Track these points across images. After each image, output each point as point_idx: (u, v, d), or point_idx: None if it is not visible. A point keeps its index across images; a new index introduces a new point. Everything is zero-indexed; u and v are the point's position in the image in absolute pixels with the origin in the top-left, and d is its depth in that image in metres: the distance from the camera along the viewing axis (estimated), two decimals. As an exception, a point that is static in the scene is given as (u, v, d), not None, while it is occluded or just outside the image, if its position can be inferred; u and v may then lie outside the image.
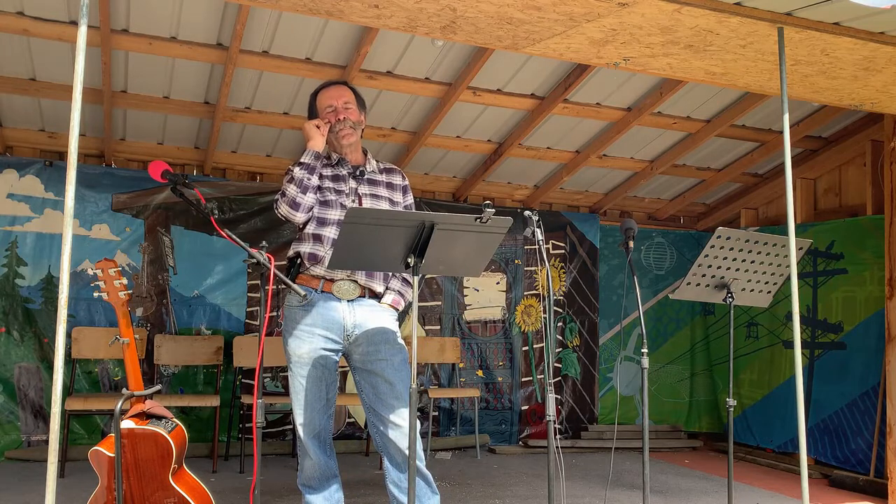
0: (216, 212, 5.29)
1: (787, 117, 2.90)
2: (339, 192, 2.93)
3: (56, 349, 1.97)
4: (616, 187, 6.21)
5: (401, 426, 2.78)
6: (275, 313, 5.47)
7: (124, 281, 3.03)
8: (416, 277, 2.46)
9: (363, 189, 2.97)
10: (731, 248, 3.18)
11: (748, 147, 5.62)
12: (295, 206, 2.84)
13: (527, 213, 2.83)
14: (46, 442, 4.68)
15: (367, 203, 2.94)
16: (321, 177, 2.93)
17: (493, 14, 2.69)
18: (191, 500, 2.85)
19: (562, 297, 6.31)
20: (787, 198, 2.87)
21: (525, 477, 4.91)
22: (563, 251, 6.34)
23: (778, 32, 2.75)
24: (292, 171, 2.87)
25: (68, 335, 4.75)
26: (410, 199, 3.13)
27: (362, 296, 2.91)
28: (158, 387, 4.36)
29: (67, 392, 4.69)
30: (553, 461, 2.60)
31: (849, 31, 2.77)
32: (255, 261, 2.56)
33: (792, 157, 3.51)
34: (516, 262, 6.20)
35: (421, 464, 2.83)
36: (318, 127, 2.91)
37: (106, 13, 3.68)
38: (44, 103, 4.64)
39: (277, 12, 3.81)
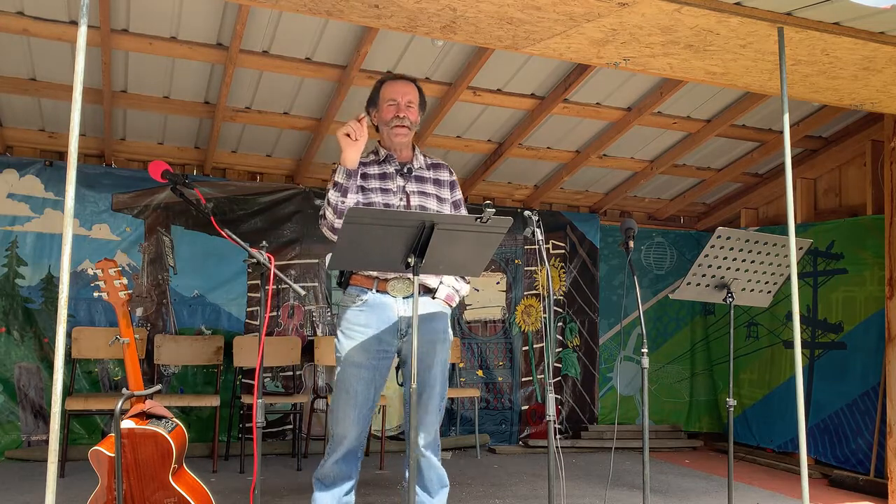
0: (216, 212, 5.30)
1: (787, 117, 2.90)
2: (385, 192, 2.89)
3: (56, 349, 1.97)
4: (616, 187, 6.21)
5: (431, 431, 2.92)
6: (275, 313, 5.48)
7: (124, 281, 3.03)
8: (416, 277, 2.46)
9: (411, 186, 2.94)
10: (731, 248, 3.18)
11: (748, 147, 5.62)
12: (334, 231, 2.83)
13: (527, 213, 2.83)
14: (46, 442, 4.67)
15: (416, 200, 2.92)
16: (366, 176, 2.89)
17: (493, 14, 2.69)
18: (191, 500, 2.85)
19: (562, 297, 6.31)
20: (787, 198, 2.87)
21: (525, 477, 4.91)
22: (563, 251, 6.34)
23: (778, 32, 2.75)
24: (328, 192, 2.81)
25: (68, 335, 4.75)
26: (459, 195, 3.08)
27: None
28: (158, 387, 4.37)
29: (67, 392, 4.69)
30: (553, 461, 2.60)
31: (849, 31, 2.77)
32: (255, 261, 2.56)
33: (792, 157, 3.51)
34: (516, 262, 6.20)
35: (436, 458, 2.93)
36: (348, 135, 2.70)
37: (106, 13, 3.68)
38: (44, 103, 4.64)
39: (277, 12, 3.81)
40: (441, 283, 2.94)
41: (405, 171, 2.96)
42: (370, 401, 2.85)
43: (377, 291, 2.84)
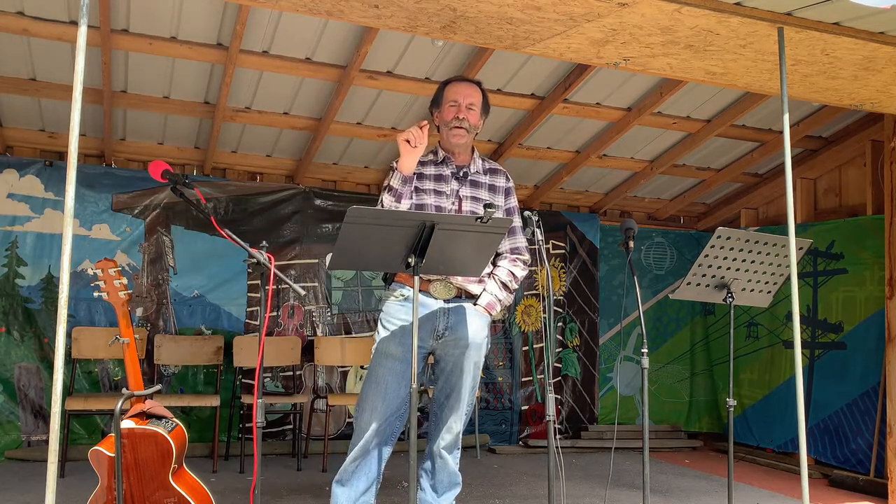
0: (216, 212, 5.30)
1: (787, 117, 2.90)
2: (438, 194, 2.90)
3: (56, 349, 1.97)
4: (616, 187, 6.21)
5: (453, 432, 3.00)
6: (275, 313, 5.47)
7: (124, 281, 3.03)
8: (416, 277, 2.46)
9: (465, 191, 2.95)
10: (731, 248, 3.18)
11: (748, 147, 5.62)
12: None
13: (527, 213, 2.83)
14: (46, 442, 4.67)
15: (468, 205, 2.93)
16: (422, 177, 2.89)
17: (493, 14, 2.69)
18: (191, 500, 2.85)
19: (562, 297, 6.31)
20: (787, 198, 2.87)
21: (525, 477, 4.91)
22: (563, 251, 6.34)
23: (778, 32, 2.75)
24: (383, 195, 2.81)
25: (68, 335, 4.75)
26: (513, 202, 3.08)
27: (458, 296, 2.91)
28: (158, 387, 4.36)
29: (67, 392, 4.69)
30: (553, 461, 2.60)
31: (849, 31, 2.77)
32: (255, 261, 2.56)
33: (792, 157, 3.51)
34: (516, 262, 6.18)
35: (452, 460, 2.99)
36: (408, 141, 2.67)
37: (106, 13, 3.68)
38: (44, 103, 4.64)
39: (277, 12, 3.81)
40: (484, 290, 2.96)
41: (461, 174, 2.96)
42: (400, 396, 2.86)
43: (420, 291, 2.84)
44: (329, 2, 2.64)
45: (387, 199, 2.77)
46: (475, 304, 2.95)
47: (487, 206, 2.37)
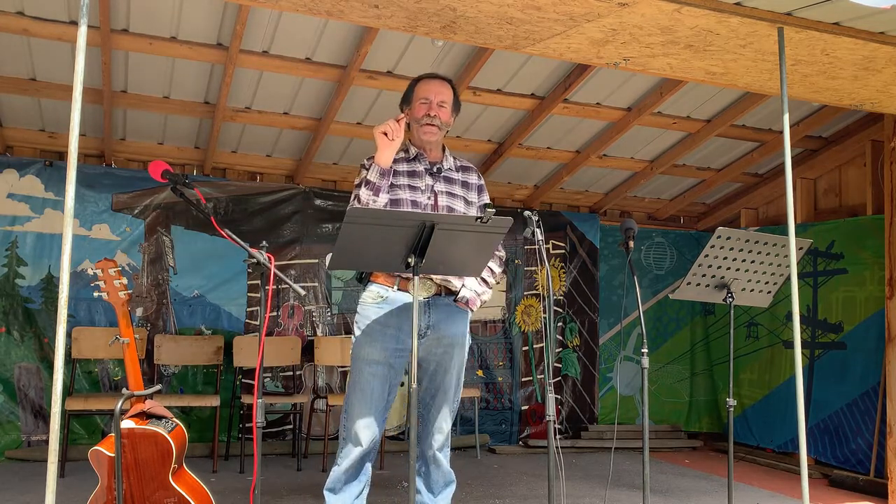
0: (216, 212, 5.30)
1: (787, 117, 2.90)
2: (413, 189, 2.88)
3: (56, 349, 1.97)
4: (616, 187, 6.21)
5: (444, 432, 2.96)
6: (275, 313, 5.47)
7: (124, 281, 3.03)
8: (416, 277, 2.46)
9: (439, 186, 2.93)
10: (731, 248, 3.18)
11: (748, 147, 5.62)
12: None
13: (527, 213, 2.82)
14: (46, 442, 4.67)
15: (443, 201, 2.92)
16: (395, 173, 2.86)
17: (493, 14, 2.69)
18: (191, 500, 2.85)
19: (562, 297, 6.31)
20: (787, 198, 2.87)
21: (525, 477, 4.91)
22: (563, 251, 6.34)
23: (778, 32, 2.75)
24: (359, 190, 2.77)
25: (68, 335, 4.75)
26: (486, 199, 3.07)
27: (438, 294, 2.89)
28: (158, 387, 4.36)
29: (67, 392, 4.69)
30: (553, 461, 2.60)
31: (849, 31, 2.77)
32: (255, 261, 2.56)
33: (792, 157, 3.51)
34: (516, 262, 6.19)
35: (445, 459, 2.96)
36: (385, 134, 2.70)
37: (106, 13, 3.68)
38: (44, 103, 4.64)
39: (277, 12, 3.81)
40: (463, 286, 2.92)
41: (434, 170, 2.95)
42: (384, 400, 2.84)
43: (398, 290, 2.82)
44: (329, 2, 2.64)
45: (364, 195, 2.73)
46: (455, 301, 2.93)
47: (486, 206, 2.36)
